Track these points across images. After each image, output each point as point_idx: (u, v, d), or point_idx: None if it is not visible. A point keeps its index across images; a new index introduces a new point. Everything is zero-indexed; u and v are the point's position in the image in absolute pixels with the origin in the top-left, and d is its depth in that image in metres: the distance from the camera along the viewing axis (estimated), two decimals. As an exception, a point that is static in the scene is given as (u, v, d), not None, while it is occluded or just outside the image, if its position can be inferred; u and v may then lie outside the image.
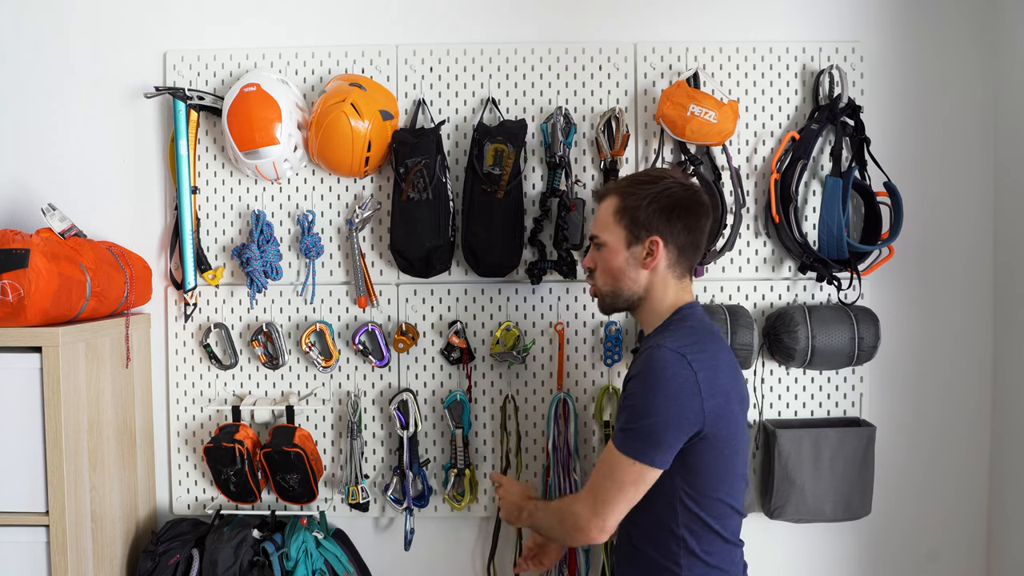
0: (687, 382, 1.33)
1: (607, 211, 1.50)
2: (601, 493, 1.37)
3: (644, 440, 1.34)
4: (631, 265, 1.46)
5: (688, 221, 1.45)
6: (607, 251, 1.49)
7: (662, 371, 1.33)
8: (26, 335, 1.63)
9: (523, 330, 2.03)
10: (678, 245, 1.45)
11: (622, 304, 1.51)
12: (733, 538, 1.44)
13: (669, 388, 1.33)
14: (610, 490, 1.36)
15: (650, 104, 2.02)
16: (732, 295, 2.02)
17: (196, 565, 1.86)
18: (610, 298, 1.51)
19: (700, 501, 1.39)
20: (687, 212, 1.45)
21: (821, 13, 2.04)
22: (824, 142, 1.99)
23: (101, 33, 2.06)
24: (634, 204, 1.45)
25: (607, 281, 1.50)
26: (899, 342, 2.04)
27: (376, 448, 2.06)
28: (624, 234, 1.46)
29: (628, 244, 1.46)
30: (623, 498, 1.36)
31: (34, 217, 2.00)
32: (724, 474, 1.40)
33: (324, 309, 2.05)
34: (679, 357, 1.34)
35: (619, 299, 1.50)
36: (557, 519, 1.46)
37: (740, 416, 1.43)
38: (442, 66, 2.03)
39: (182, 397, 2.07)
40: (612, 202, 1.49)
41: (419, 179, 1.89)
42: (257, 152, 1.89)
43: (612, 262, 1.48)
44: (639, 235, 1.45)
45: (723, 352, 1.43)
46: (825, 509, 1.93)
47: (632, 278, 1.47)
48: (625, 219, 1.46)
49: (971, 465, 2.08)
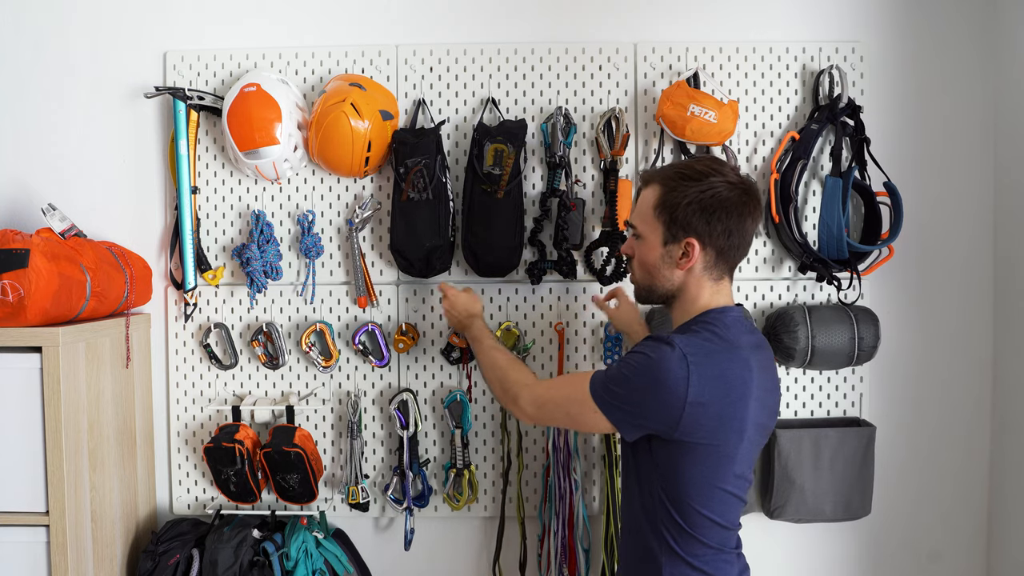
0: (675, 385, 1.29)
1: (647, 202, 1.44)
2: (551, 394, 1.48)
3: (613, 400, 1.37)
4: (666, 263, 1.42)
5: (730, 224, 1.37)
6: (644, 245, 1.44)
7: (658, 363, 1.31)
8: (26, 335, 1.63)
9: (523, 330, 2.03)
10: (717, 248, 1.39)
11: (656, 298, 1.48)
12: (721, 546, 1.38)
13: (654, 380, 1.31)
14: (558, 400, 1.46)
15: (650, 104, 2.02)
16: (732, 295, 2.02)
17: (196, 565, 1.86)
18: (645, 291, 1.49)
19: (678, 507, 1.35)
20: (729, 215, 1.37)
21: (821, 13, 2.04)
22: (824, 142, 1.99)
23: (101, 33, 2.06)
24: (674, 201, 1.38)
25: (643, 274, 1.47)
26: (899, 342, 2.04)
27: (376, 448, 2.06)
28: (662, 230, 1.41)
29: (664, 241, 1.41)
30: (561, 415, 1.48)
31: (34, 217, 2.01)
32: (704, 487, 1.34)
33: (324, 309, 2.05)
34: (681, 358, 1.30)
35: (653, 293, 1.47)
36: (498, 375, 1.59)
37: (749, 434, 1.35)
38: (442, 66, 2.03)
39: (182, 397, 2.07)
40: (654, 193, 1.43)
41: (419, 179, 1.89)
42: (257, 152, 1.89)
43: (648, 256, 1.44)
44: (676, 234, 1.39)
45: (737, 366, 1.34)
46: (825, 509, 1.93)
47: (666, 276, 1.43)
48: (664, 215, 1.40)
49: (971, 465, 2.08)
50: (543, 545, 1.99)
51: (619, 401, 1.36)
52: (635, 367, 1.35)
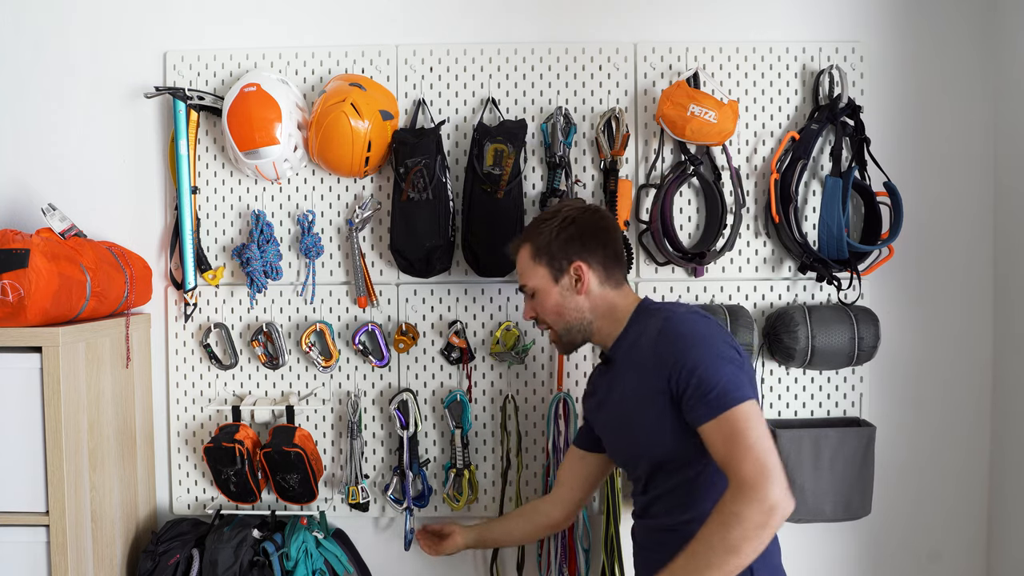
0: (715, 326, 1.40)
1: (525, 259, 1.55)
2: (759, 455, 1.21)
3: (746, 377, 1.33)
4: (567, 296, 1.50)
5: (600, 237, 1.51)
6: (540, 295, 1.53)
7: (695, 325, 1.38)
8: (26, 335, 1.63)
9: (523, 330, 2.03)
10: (600, 261, 1.50)
11: (579, 337, 1.54)
12: None
13: (715, 331, 1.38)
14: (763, 441, 1.23)
15: (650, 104, 2.02)
16: (732, 295, 2.02)
17: (196, 565, 1.86)
18: (566, 335, 1.54)
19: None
20: (595, 230, 1.51)
21: (821, 13, 2.04)
22: (824, 142, 1.99)
23: (101, 33, 2.06)
24: (544, 242, 1.51)
25: (555, 320, 1.54)
26: (899, 342, 2.04)
27: (376, 448, 2.06)
28: (547, 272, 1.51)
29: (556, 279, 1.51)
30: (770, 438, 1.25)
31: (34, 217, 2.00)
32: None
33: (324, 309, 2.05)
34: (694, 313, 1.41)
35: (574, 332, 1.53)
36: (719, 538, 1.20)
37: None
38: (442, 66, 2.03)
39: (182, 397, 2.07)
40: (526, 250, 1.55)
41: (419, 179, 1.89)
42: (257, 152, 1.89)
43: (548, 302, 1.52)
44: (562, 266, 1.50)
45: None
46: (825, 509, 1.93)
47: (574, 307, 1.51)
48: (543, 258, 1.51)
49: (971, 465, 2.08)
50: (543, 545, 1.99)
51: (740, 376, 1.31)
52: (697, 356, 1.32)
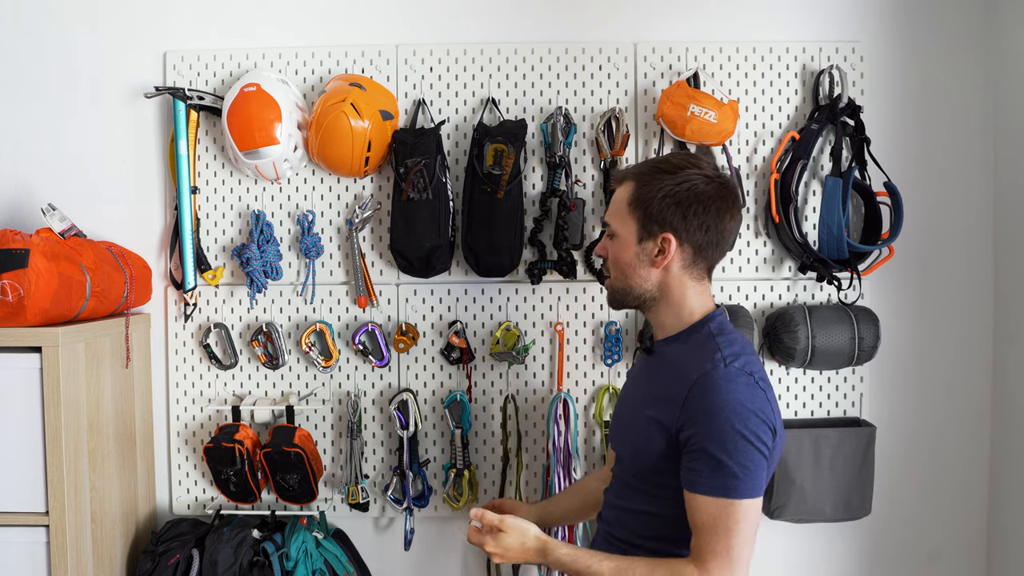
0: (762, 401, 1.24)
1: (621, 198, 1.37)
2: (732, 561, 1.21)
3: (766, 465, 1.24)
4: (642, 262, 1.34)
5: (707, 218, 1.31)
6: (618, 242, 1.37)
7: (735, 392, 1.23)
8: (26, 335, 1.63)
9: (523, 330, 2.03)
10: (694, 244, 1.32)
11: (632, 301, 1.39)
12: None
13: (754, 405, 1.23)
14: (743, 549, 1.22)
15: (650, 104, 2.02)
16: (732, 295, 2.02)
17: (196, 565, 1.86)
18: (620, 294, 1.40)
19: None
20: (706, 209, 1.31)
21: (821, 13, 2.04)
22: (824, 142, 1.99)
23: (101, 33, 2.06)
24: (648, 194, 1.32)
25: (617, 275, 1.39)
26: (899, 342, 2.04)
27: (376, 448, 2.06)
28: (636, 227, 1.34)
29: (639, 238, 1.34)
30: (751, 547, 1.23)
31: (34, 217, 2.00)
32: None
33: (324, 309, 2.05)
34: (747, 376, 1.25)
35: (629, 296, 1.38)
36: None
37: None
38: (442, 66, 2.03)
39: (182, 397, 2.07)
40: (627, 188, 1.37)
41: (419, 179, 1.89)
42: (257, 152, 1.89)
43: (622, 255, 1.37)
44: (651, 230, 1.33)
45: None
46: (825, 509, 1.93)
47: (642, 276, 1.35)
48: (638, 210, 1.33)
49: (971, 465, 2.08)
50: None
51: (762, 469, 1.23)
52: (722, 425, 1.22)
